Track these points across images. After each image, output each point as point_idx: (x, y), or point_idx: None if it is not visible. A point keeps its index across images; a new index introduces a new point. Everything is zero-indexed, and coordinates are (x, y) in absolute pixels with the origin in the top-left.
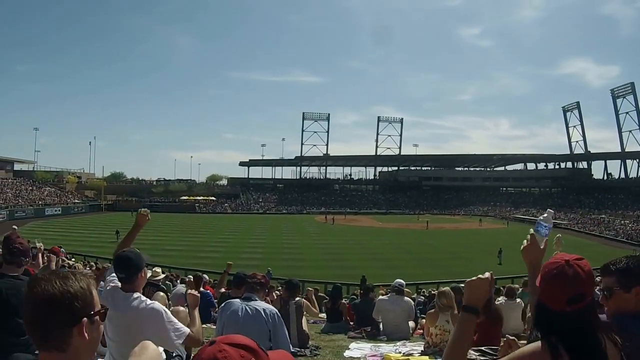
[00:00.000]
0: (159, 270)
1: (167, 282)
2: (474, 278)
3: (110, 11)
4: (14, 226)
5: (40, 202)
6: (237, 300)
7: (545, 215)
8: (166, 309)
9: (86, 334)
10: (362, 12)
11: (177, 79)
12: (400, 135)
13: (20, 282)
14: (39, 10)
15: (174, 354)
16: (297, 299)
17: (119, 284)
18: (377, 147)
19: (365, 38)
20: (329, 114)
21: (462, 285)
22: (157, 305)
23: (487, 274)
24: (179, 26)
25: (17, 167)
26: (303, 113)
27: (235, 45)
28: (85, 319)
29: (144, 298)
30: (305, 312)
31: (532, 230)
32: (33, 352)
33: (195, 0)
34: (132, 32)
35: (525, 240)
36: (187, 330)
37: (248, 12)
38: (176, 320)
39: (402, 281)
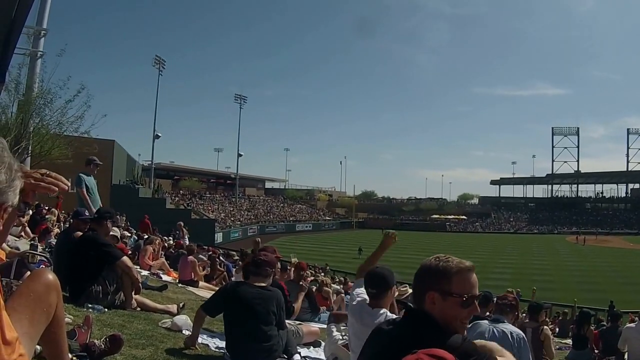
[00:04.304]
0: (406, 288)
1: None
2: None
3: (349, 33)
4: (257, 239)
5: (291, 218)
6: (485, 321)
7: None
8: None
9: None
10: (601, 18)
11: (422, 96)
12: None
13: (267, 292)
14: (283, 41)
15: None
16: (539, 325)
17: (367, 298)
18: (627, 161)
19: (602, 44)
20: (578, 128)
21: None
22: None
23: None
24: (417, 44)
25: (268, 185)
26: (552, 128)
27: (476, 59)
28: None
29: (390, 314)
30: (543, 340)
31: None
32: (275, 358)
33: (427, 18)
34: (373, 52)
35: None
36: None
37: (483, 26)
38: None
39: None
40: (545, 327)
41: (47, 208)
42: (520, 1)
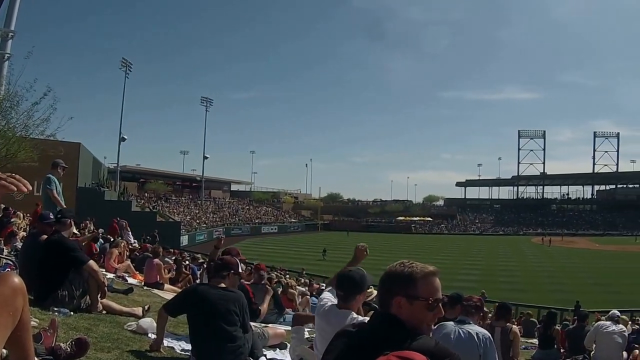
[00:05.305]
0: (371, 290)
1: None
2: None
3: (325, 38)
4: (221, 236)
5: (257, 221)
6: (451, 323)
7: None
8: None
9: None
10: (572, 24)
11: (392, 100)
12: (617, 151)
13: (228, 293)
14: (253, 46)
15: None
16: (507, 325)
17: (335, 302)
18: (594, 164)
19: (575, 50)
20: (544, 131)
21: None
22: None
23: None
24: (392, 50)
25: (234, 187)
26: (519, 131)
27: (446, 64)
28: None
29: (356, 316)
30: (512, 339)
31: None
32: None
33: (398, 24)
34: (346, 57)
35: None
36: None
37: (457, 31)
38: None
39: (617, 312)
40: (513, 326)
41: (13, 212)
42: (492, 8)
